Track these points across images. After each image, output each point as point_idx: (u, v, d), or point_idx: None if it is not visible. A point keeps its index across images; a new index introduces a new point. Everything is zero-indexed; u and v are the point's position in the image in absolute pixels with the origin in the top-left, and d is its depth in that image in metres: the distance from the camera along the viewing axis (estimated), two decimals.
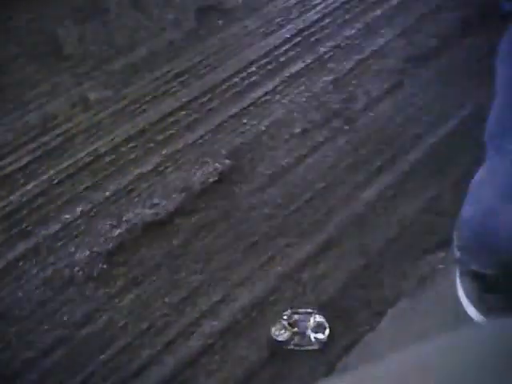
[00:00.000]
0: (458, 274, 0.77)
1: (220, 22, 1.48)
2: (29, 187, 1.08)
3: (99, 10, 1.53)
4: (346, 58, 1.33)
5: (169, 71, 1.34)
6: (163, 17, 1.51)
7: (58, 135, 1.20)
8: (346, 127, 1.15)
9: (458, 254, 0.75)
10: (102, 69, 1.36)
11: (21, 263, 0.95)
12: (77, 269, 0.93)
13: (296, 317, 0.83)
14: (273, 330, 0.83)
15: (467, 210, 0.70)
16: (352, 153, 1.10)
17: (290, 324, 0.82)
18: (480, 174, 0.65)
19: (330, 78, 1.28)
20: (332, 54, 1.35)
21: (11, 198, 1.07)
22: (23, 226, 1.01)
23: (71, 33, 1.47)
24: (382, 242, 0.93)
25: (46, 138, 1.19)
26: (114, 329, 0.85)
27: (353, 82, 1.26)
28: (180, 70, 1.34)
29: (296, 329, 0.82)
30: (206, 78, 1.31)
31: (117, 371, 0.80)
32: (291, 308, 0.85)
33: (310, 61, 1.33)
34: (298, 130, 1.15)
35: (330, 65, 1.31)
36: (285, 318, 0.83)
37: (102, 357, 0.82)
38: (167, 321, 0.86)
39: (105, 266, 0.93)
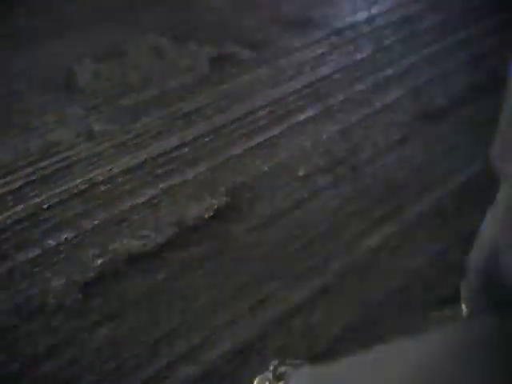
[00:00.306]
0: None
1: (233, 70, 1.51)
2: (17, 209, 1.04)
3: (117, 52, 1.58)
4: (355, 111, 1.32)
5: (177, 110, 1.34)
6: (178, 62, 1.55)
7: (57, 161, 1.17)
8: (351, 175, 1.11)
9: (465, 308, 0.67)
10: (111, 104, 1.37)
11: None
12: (50, 296, 0.86)
13: (283, 369, 0.74)
14: (256, 381, 0.73)
15: (471, 257, 0.63)
16: (355, 200, 1.04)
17: (275, 376, 0.73)
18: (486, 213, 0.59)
19: (338, 127, 1.26)
20: (341, 106, 1.34)
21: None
22: (3, 248, 0.95)
23: (87, 70, 1.50)
24: (383, 294, 0.85)
25: (44, 163, 1.17)
26: (78, 367, 0.76)
27: (360, 133, 1.24)
28: (188, 110, 1.34)
29: (282, 382, 0.72)
30: (213, 118, 1.30)
31: None
32: (278, 358, 0.75)
33: (318, 111, 1.32)
34: (300, 174, 1.11)
35: (338, 115, 1.30)
36: (271, 368, 0.74)
37: None
38: (138, 363, 0.77)
39: (80, 296, 0.86)
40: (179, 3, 1.85)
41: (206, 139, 1.23)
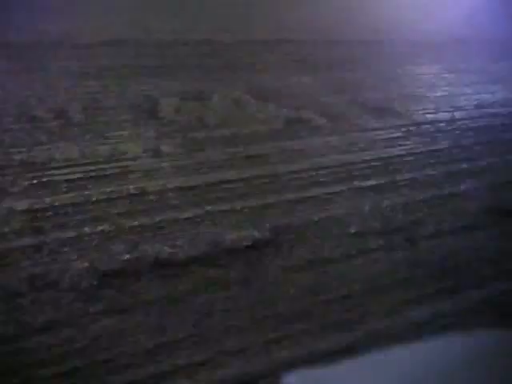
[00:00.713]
0: None
1: (305, 132, 1.53)
2: (67, 196, 1.06)
3: (203, 97, 1.67)
4: (422, 191, 1.26)
5: (242, 151, 1.35)
6: (254, 115, 1.60)
7: (117, 167, 1.20)
8: (406, 245, 1.03)
9: None
10: (183, 134, 1.42)
11: (17, 253, 0.87)
12: (67, 275, 0.83)
13: None
14: None
15: None
16: (406, 269, 0.95)
17: None
18: None
19: (401, 200, 1.20)
20: (408, 183, 1.30)
21: (47, 199, 1.04)
22: (41, 224, 0.96)
23: (171, 104, 1.60)
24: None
25: (105, 166, 1.20)
26: (70, 348, 0.70)
27: (424, 210, 1.17)
28: (253, 154, 1.35)
29: None
30: (275, 166, 1.30)
31: None
32: None
33: (383, 182, 1.28)
34: (352, 231, 1.05)
35: (404, 190, 1.25)
36: None
37: (40, 371, 0.66)
38: (131, 363, 0.69)
39: (95, 283, 0.82)
40: (269, 72, 1.98)
41: (263, 180, 1.22)
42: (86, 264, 0.86)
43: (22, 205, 1.00)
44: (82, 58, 1.92)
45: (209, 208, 1.08)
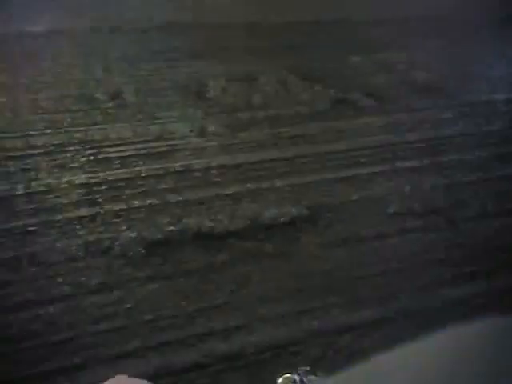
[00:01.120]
0: None
1: (351, 112, 1.53)
2: (119, 171, 1.14)
3: (249, 78, 1.71)
4: (468, 172, 1.23)
5: (286, 132, 1.38)
6: (300, 95, 1.61)
7: (166, 145, 1.27)
8: (446, 226, 1.02)
9: None
10: (229, 114, 1.46)
11: (74, 223, 0.96)
12: (117, 243, 0.90)
13: (313, 378, 0.67)
14: (280, 381, 0.67)
15: None
16: (444, 250, 0.95)
17: (303, 382, 0.66)
18: None
19: (444, 182, 1.18)
20: (454, 164, 1.27)
21: (101, 174, 1.13)
22: (96, 196, 1.04)
23: (218, 85, 1.64)
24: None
25: (155, 144, 1.27)
26: (119, 308, 0.78)
27: (468, 192, 1.15)
28: (296, 133, 1.37)
29: None
30: (318, 145, 1.31)
31: (96, 348, 0.71)
32: (310, 367, 0.69)
33: (427, 163, 1.26)
34: (390, 211, 1.05)
35: (448, 172, 1.23)
36: (299, 373, 0.67)
37: (91, 327, 0.74)
38: (172, 323, 0.76)
39: (143, 251, 0.89)
40: (318, 53, 1.97)
41: (305, 160, 1.24)
42: (134, 234, 0.93)
43: (79, 179, 1.10)
44: (137, 43, 2.01)
45: (250, 185, 1.12)
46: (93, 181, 1.10)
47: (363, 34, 2.12)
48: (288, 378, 0.67)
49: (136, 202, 1.03)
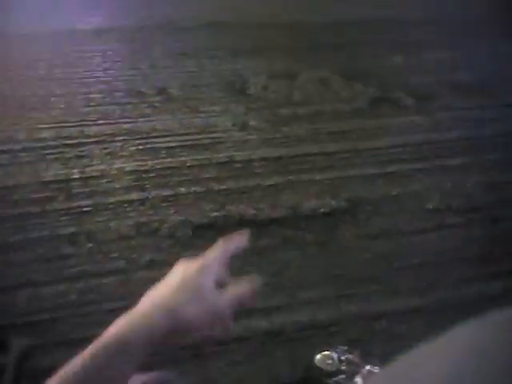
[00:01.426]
0: None
1: (390, 110, 1.54)
2: (166, 161, 1.20)
3: (290, 76, 1.74)
4: (509, 172, 1.23)
5: (325, 128, 1.41)
6: (340, 93, 1.63)
7: (209, 138, 1.32)
8: (488, 224, 1.02)
9: None
10: (270, 110, 1.50)
11: (125, 205, 1.02)
12: (166, 226, 0.96)
13: (351, 356, 0.70)
14: (318, 356, 0.70)
15: None
16: (483, 246, 0.96)
17: (340, 359, 0.69)
18: None
19: (487, 180, 1.18)
20: (498, 163, 1.26)
21: (150, 162, 1.19)
22: (145, 183, 1.10)
23: (260, 82, 1.68)
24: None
25: (199, 136, 1.33)
26: None
27: (510, 191, 1.14)
28: (335, 130, 1.40)
29: (344, 367, 0.68)
30: (358, 142, 1.33)
31: None
32: (348, 346, 0.71)
33: (469, 161, 1.26)
34: (430, 207, 1.06)
35: (492, 172, 1.22)
36: (338, 351, 0.70)
37: (140, 299, 0.79)
38: None
39: (190, 233, 0.94)
40: (360, 52, 1.98)
41: (344, 155, 1.26)
42: (181, 218, 0.98)
43: (129, 166, 1.16)
44: (182, 40, 2.08)
45: (290, 177, 1.15)
46: (142, 168, 1.16)
47: (406, 33, 2.12)
48: (326, 355, 0.70)
49: (182, 189, 1.09)
